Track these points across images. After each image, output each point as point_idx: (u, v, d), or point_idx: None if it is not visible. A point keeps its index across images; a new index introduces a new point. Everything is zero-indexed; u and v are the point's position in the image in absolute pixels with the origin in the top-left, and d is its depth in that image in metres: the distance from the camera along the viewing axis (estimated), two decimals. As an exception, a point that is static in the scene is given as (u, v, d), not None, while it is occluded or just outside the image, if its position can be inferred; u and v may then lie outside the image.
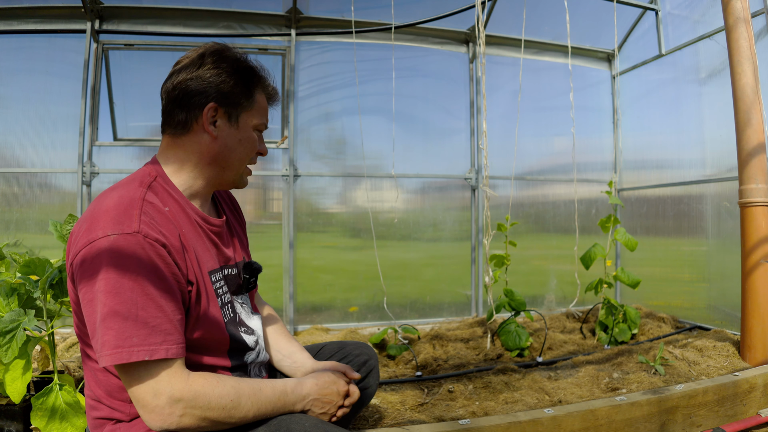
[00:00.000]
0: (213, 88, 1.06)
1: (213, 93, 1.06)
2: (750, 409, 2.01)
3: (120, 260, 0.88)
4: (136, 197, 0.96)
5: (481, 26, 2.63)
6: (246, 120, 1.13)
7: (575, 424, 1.69)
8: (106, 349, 0.86)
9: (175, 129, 1.09)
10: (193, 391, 0.91)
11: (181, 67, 1.08)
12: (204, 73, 1.06)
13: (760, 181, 2.30)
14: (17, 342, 1.32)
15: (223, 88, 1.07)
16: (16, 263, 1.67)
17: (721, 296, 3.25)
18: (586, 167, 4.24)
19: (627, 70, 4.18)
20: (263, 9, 3.57)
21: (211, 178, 1.13)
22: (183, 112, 1.07)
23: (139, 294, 0.88)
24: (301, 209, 3.70)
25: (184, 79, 1.06)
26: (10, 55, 3.30)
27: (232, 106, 1.09)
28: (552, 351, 2.88)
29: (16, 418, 1.56)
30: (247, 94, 1.11)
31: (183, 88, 1.06)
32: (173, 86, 1.07)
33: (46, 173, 3.30)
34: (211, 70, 1.07)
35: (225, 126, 1.10)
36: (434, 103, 4.01)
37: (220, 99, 1.07)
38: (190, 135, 1.09)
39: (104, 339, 0.87)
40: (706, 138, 3.41)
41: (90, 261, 0.89)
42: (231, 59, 1.09)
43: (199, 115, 1.07)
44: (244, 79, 1.10)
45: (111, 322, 0.86)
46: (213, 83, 1.06)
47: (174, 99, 1.07)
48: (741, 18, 2.33)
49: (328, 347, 1.46)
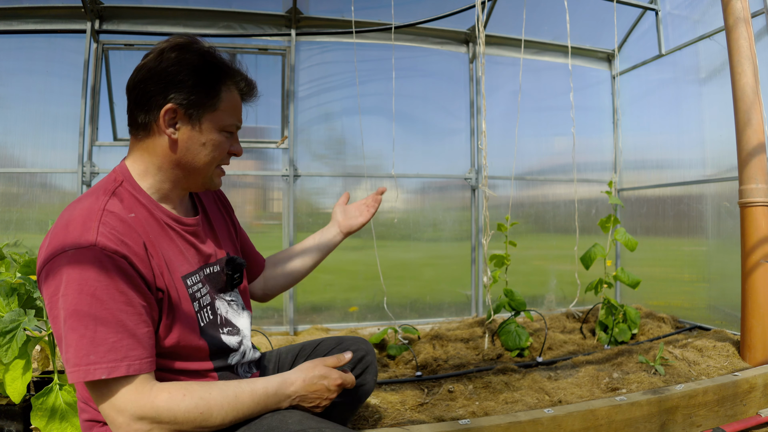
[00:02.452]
0: (171, 87, 0.98)
1: (171, 93, 0.98)
2: (750, 409, 2.01)
3: (77, 275, 0.85)
4: (95, 208, 0.93)
5: (481, 26, 2.63)
6: (211, 121, 1.04)
7: (575, 424, 1.69)
8: (68, 366, 0.85)
9: (137, 131, 1.04)
10: (155, 408, 0.87)
11: (142, 64, 1.01)
12: (162, 71, 0.98)
13: (760, 181, 2.30)
14: (17, 342, 1.32)
15: (182, 89, 0.98)
16: (16, 263, 1.67)
17: (721, 296, 3.25)
18: (586, 167, 4.24)
19: (627, 70, 4.18)
20: (263, 9, 3.57)
21: (178, 181, 1.08)
22: (142, 112, 1.01)
23: (98, 309, 0.85)
24: (301, 209, 3.70)
25: (142, 77, 0.99)
26: (10, 55, 3.30)
27: (193, 107, 1.00)
28: (552, 351, 2.88)
29: (16, 418, 1.56)
30: (211, 93, 1.02)
31: (142, 88, 0.99)
32: (133, 85, 1.01)
33: (46, 173, 3.30)
34: (170, 67, 0.98)
35: (186, 128, 1.02)
36: (434, 103, 4.01)
37: (178, 99, 0.99)
38: (151, 138, 1.03)
39: (66, 356, 0.85)
40: (706, 138, 3.41)
41: (51, 276, 0.87)
42: (192, 54, 1.00)
43: (158, 116, 1.00)
44: (207, 76, 1.01)
45: (70, 338, 0.85)
46: (171, 82, 0.98)
47: (134, 99, 1.01)
48: (741, 18, 2.33)
49: (326, 342, 1.45)
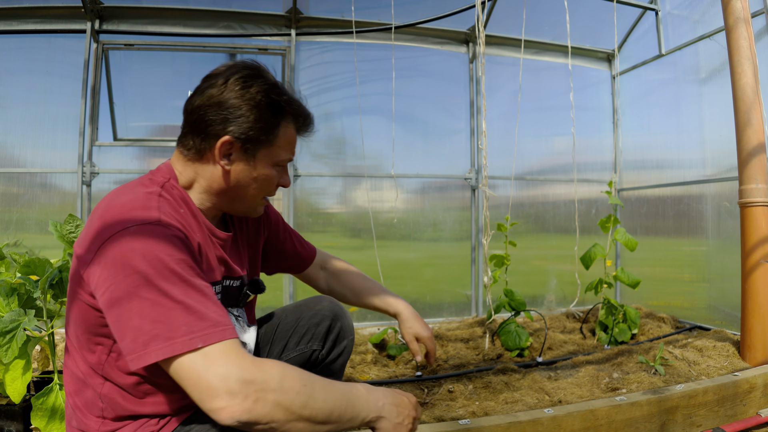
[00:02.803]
0: (231, 120, 0.97)
1: (231, 126, 0.97)
2: (750, 409, 2.01)
3: (146, 248, 0.82)
4: (152, 191, 0.94)
5: (481, 26, 2.63)
6: (265, 156, 1.04)
7: (575, 424, 1.69)
8: (156, 344, 0.78)
9: (189, 152, 1.03)
10: (263, 370, 0.80)
11: (206, 86, 1.00)
12: (225, 101, 0.97)
13: (760, 181, 2.30)
14: (17, 342, 1.32)
15: (242, 124, 0.98)
16: (16, 263, 1.67)
17: (721, 296, 3.25)
18: (586, 167, 4.24)
19: (627, 70, 4.18)
20: (263, 9, 3.57)
21: (220, 205, 1.08)
22: (198, 138, 1.00)
23: (178, 281, 0.82)
24: (301, 209, 3.70)
25: (203, 103, 0.98)
26: (10, 55, 3.30)
27: (250, 142, 1.00)
28: (552, 351, 2.88)
29: (16, 418, 1.56)
30: (270, 129, 1.01)
31: (201, 114, 0.98)
32: (193, 108, 1.00)
33: (46, 173, 3.30)
34: (233, 99, 0.97)
35: (240, 162, 1.02)
36: (434, 103, 4.01)
37: (237, 133, 0.98)
38: (203, 163, 1.02)
39: (150, 335, 0.79)
40: (706, 138, 3.41)
41: (115, 256, 0.82)
42: (257, 89, 0.99)
43: (214, 145, 0.99)
44: (268, 112, 1.00)
45: (155, 315, 0.79)
46: (232, 115, 0.97)
47: (192, 123, 1.00)
48: (741, 18, 2.33)
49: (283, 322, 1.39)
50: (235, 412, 0.77)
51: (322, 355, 1.37)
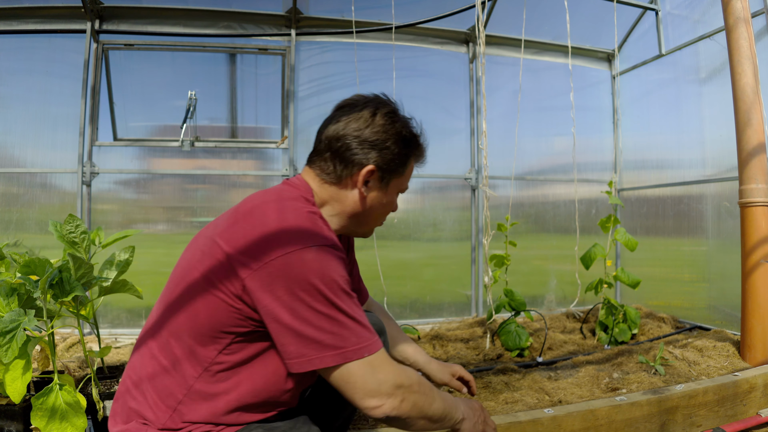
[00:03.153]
0: (375, 151, 1.07)
1: (375, 157, 1.08)
2: (750, 409, 2.01)
3: (327, 267, 0.92)
4: (314, 212, 1.03)
5: (481, 26, 2.63)
6: (395, 185, 1.15)
7: (575, 424, 1.69)
8: (329, 351, 0.90)
9: (327, 176, 1.11)
10: (407, 375, 0.98)
11: (347, 117, 1.09)
12: (372, 135, 1.07)
13: (760, 181, 2.30)
14: (17, 342, 1.32)
15: (386, 155, 1.08)
16: (16, 263, 1.66)
17: (721, 296, 3.25)
18: (586, 167, 4.24)
19: (627, 70, 4.18)
20: (263, 9, 3.57)
21: (346, 227, 1.17)
22: (341, 165, 1.09)
23: (347, 299, 0.94)
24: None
25: (349, 134, 1.07)
26: (10, 55, 3.30)
27: (387, 172, 1.11)
28: (552, 351, 2.87)
29: (16, 418, 1.56)
30: (405, 162, 1.13)
31: (347, 143, 1.07)
32: (337, 137, 1.08)
33: (46, 173, 3.30)
34: (379, 133, 1.08)
35: (376, 189, 1.12)
36: (434, 103, 4.01)
37: (382, 165, 1.09)
38: (340, 186, 1.11)
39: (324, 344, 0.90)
40: (706, 138, 3.41)
41: (294, 271, 0.90)
42: (399, 124, 1.10)
43: (356, 173, 1.09)
44: (406, 147, 1.12)
45: (329, 327, 0.91)
46: (376, 147, 1.07)
47: (335, 149, 1.08)
48: (741, 18, 2.33)
49: None
50: (387, 410, 0.95)
51: None
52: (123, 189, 3.52)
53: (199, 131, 3.59)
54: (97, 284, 1.70)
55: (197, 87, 3.56)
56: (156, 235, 3.54)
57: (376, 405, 0.94)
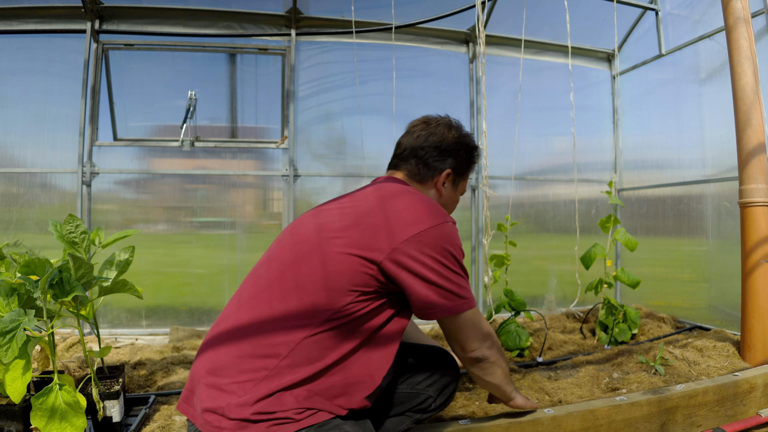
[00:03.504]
0: (453, 160, 1.40)
1: (451, 163, 1.40)
2: (750, 409, 2.01)
3: (456, 239, 1.21)
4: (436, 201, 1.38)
5: (481, 26, 2.63)
6: (461, 185, 1.47)
7: (575, 424, 1.69)
8: (460, 300, 1.18)
9: (413, 176, 1.40)
10: (490, 329, 1.28)
11: (427, 132, 1.40)
12: (448, 146, 1.39)
13: (760, 181, 2.30)
14: (17, 342, 1.32)
15: (460, 162, 1.42)
16: (16, 263, 1.66)
17: (721, 296, 3.25)
18: (586, 167, 4.24)
19: (627, 70, 4.18)
20: (263, 9, 3.57)
21: None
22: (425, 168, 1.39)
23: (462, 263, 1.22)
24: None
25: (430, 145, 1.38)
26: (10, 55, 3.30)
27: (459, 175, 1.44)
28: (552, 351, 2.87)
29: (15, 418, 1.56)
30: (470, 166, 1.46)
31: (430, 152, 1.38)
32: (420, 146, 1.39)
33: (46, 173, 3.30)
34: (453, 144, 1.40)
35: (450, 187, 1.43)
36: (434, 103, 4.01)
37: (455, 169, 1.41)
38: (422, 184, 1.40)
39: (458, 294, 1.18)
40: (706, 138, 3.41)
41: (437, 240, 1.16)
42: (465, 137, 1.44)
43: (437, 176, 1.40)
44: (472, 156, 1.46)
45: (459, 282, 1.19)
46: (453, 155, 1.40)
47: (420, 156, 1.39)
48: (741, 18, 2.33)
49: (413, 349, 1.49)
50: (481, 352, 1.25)
51: (435, 404, 1.44)
52: (123, 189, 3.52)
53: (199, 131, 3.59)
54: (97, 284, 1.70)
55: (197, 87, 3.57)
56: (156, 235, 3.54)
57: (476, 347, 1.23)
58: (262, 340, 1.12)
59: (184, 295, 3.53)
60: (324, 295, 1.12)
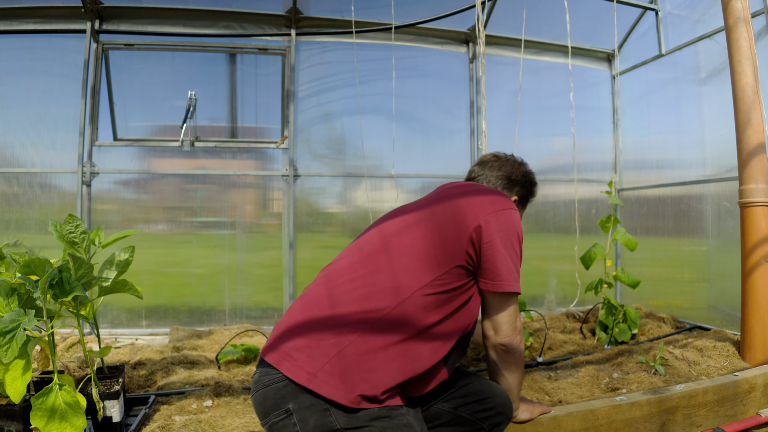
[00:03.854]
0: (518, 190, 1.66)
1: (517, 192, 1.66)
2: (750, 409, 2.01)
3: (520, 224, 1.40)
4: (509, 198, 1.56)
5: (481, 26, 2.63)
6: (522, 210, 1.71)
7: (575, 424, 1.69)
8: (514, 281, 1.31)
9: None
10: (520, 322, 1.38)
11: (500, 164, 1.67)
12: (517, 177, 1.66)
13: (760, 181, 2.30)
14: (17, 342, 1.32)
15: (524, 192, 1.68)
16: (16, 263, 1.66)
17: (721, 296, 3.25)
18: (586, 167, 4.24)
19: (627, 70, 4.18)
20: (263, 9, 3.57)
21: None
22: (504, 190, 1.63)
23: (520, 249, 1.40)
24: (301, 209, 3.70)
25: (506, 174, 1.65)
26: (10, 55, 3.30)
27: (521, 204, 1.70)
28: (552, 351, 2.87)
29: (15, 418, 1.56)
30: (530, 197, 1.72)
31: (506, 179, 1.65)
32: (495, 177, 1.65)
33: (46, 173, 3.30)
34: (521, 176, 1.66)
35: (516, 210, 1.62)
36: (434, 103, 4.01)
37: (520, 197, 1.67)
38: None
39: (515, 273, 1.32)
40: (706, 138, 3.41)
41: (506, 220, 1.35)
42: (530, 173, 1.70)
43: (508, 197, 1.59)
44: (533, 191, 1.71)
45: (517, 263, 1.35)
46: (520, 185, 1.66)
47: (501, 182, 1.65)
48: (741, 18, 2.33)
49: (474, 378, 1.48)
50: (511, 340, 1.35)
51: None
52: (123, 189, 3.52)
53: (199, 131, 3.60)
54: (97, 284, 1.70)
55: (197, 87, 3.57)
56: (156, 235, 3.54)
57: (509, 334, 1.34)
58: None
59: (184, 295, 3.53)
60: None
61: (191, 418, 1.81)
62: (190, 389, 2.14)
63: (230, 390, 2.10)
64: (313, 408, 1.11)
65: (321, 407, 1.11)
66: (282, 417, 1.13)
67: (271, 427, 1.16)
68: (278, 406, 1.14)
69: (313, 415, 1.11)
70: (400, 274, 1.25)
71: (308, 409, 1.11)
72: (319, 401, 1.11)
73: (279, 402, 1.14)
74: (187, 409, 1.91)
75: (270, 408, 1.16)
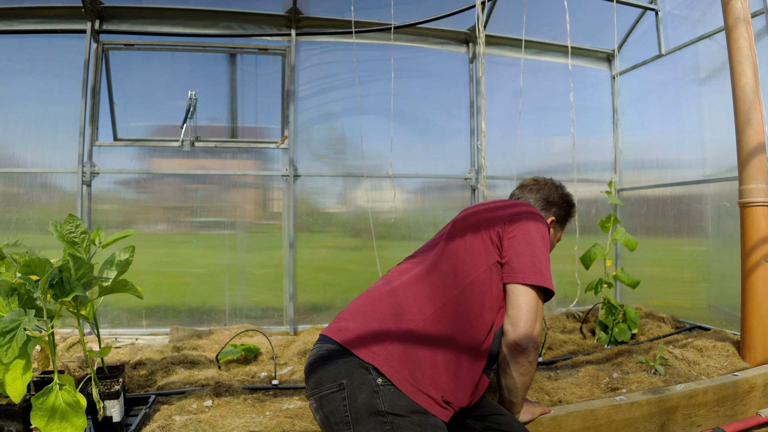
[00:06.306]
0: (556, 210, 1.72)
1: (556, 212, 1.73)
2: (750, 409, 2.01)
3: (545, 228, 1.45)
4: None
5: (481, 26, 2.63)
6: (559, 231, 1.78)
7: (575, 424, 1.69)
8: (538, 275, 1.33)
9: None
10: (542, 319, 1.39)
11: (539, 186, 1.75)
12: (555, 199, 1.73)
13: (760, 181, 2.30)
14: (17, 342, 1.32)
15: (561, 213, 1.74)
16: (16, 263, 1.67)
17: (721, 296, 3.25)
18: (586, 167, 4.24)
19: (627, 70, 4.18)
20: (263, 9, 3.57)
21: None
22: (542, 211, 1.70)
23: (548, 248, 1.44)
24: (301, 209, 3.70)
25: (544, 196, 1.72)
26: (10, 55, 3.30)
27: (559, 224, 1.76)
28: (552, 351, 2.88)
29: (16, 418, 1.56)
30: (568, 218, 1.78)
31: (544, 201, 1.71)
32: (534, 199, 1.72)
33: (46, 173, 3.30)
34: (559, 198, 1.73)
35: (553, 231, 1.73)
36: (434, 103, 4.01)
37: (557, 217, 1.74)
38: None
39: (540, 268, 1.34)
40: (706, 138, 3.41)
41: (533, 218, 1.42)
42: (567, 195, 1.77)
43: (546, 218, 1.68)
44: (570, 212, 1.78)
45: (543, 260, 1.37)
46: (557, 206, 1.72)
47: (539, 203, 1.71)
48: (741, 18, 2.33)
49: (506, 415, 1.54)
50: (528, 338, 1.32)
51: None
52: (123, 189, 3.52)
53: (199, 131, 3.60)
54: (97, 284, 1.70)
55: (197, 87, 3.57)
56: (156, 235, 3.54)
57: (527, 331, 1.31)
58: None
59: (184, 295, 3.53)
60: None
61: (191, 417, 1.81)
62: (191, 389, 2.14)
63: (230, 390, 2.10)
64: (365, 387, 1.17)
65: (372, 388, 1.17)
66: (333, 390, 1.19)
67: (320, 398, 1.21)
68: (333, 380, 1.20)
69: (362, 393, 1.17)
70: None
71: (360, 387, 1.17)
72: (372, 381, 1.18)
73: (336, 375, 1.20)
74: (187, 409, 1.91)
75: (324, 379, 1.22)
